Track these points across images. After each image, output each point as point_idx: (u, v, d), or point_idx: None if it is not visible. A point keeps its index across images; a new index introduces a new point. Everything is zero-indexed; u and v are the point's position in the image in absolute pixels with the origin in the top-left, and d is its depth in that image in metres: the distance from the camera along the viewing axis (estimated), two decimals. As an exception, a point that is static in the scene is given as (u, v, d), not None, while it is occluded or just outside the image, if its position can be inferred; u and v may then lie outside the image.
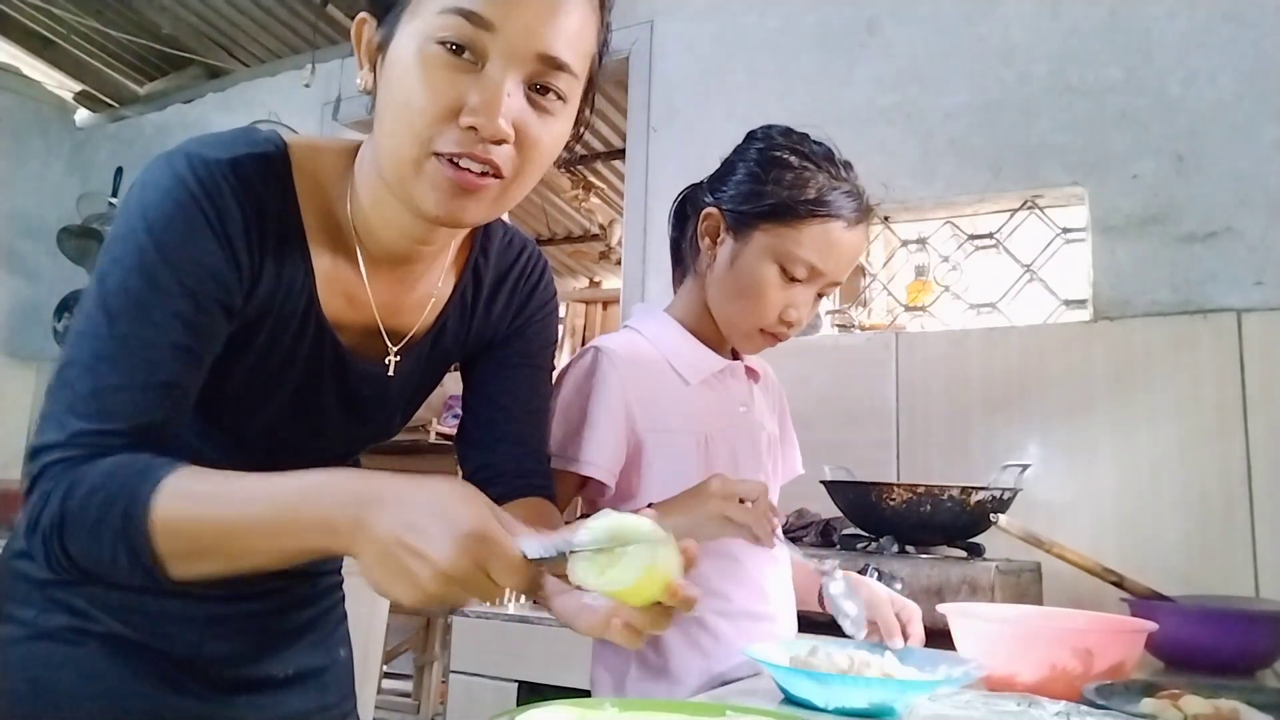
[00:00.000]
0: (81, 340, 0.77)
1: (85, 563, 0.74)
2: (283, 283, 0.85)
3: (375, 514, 0.66)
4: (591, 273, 6.19)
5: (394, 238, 0.89)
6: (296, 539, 0.70)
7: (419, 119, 0.76)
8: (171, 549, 0.71)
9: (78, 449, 0.74)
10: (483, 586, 0.64)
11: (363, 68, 0.83)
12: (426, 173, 0.78)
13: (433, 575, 0.63)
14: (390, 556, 0.65)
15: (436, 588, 0.63)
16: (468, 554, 0.63)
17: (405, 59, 0.77)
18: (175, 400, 0.79)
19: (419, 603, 0.65)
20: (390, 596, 0.66)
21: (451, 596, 0.65)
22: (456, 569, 0.63)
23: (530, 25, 0.76)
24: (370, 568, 0.66)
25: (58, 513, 0.73)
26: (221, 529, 0.71)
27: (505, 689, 2.20)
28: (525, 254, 1.05)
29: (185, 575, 0.73)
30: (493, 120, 0.76)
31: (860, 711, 0.91)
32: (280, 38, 3.99)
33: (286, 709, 0.99)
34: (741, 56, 2.74)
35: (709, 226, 1.25)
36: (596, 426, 1.17)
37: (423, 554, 0.63)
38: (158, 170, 0.80)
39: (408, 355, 0.96)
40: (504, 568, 0.64)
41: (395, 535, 0.65)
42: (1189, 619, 1.35)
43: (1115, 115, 2.21)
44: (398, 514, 0.66)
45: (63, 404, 0.76)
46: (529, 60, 0.77)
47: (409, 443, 3.39)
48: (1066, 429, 2.13)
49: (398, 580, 0.65)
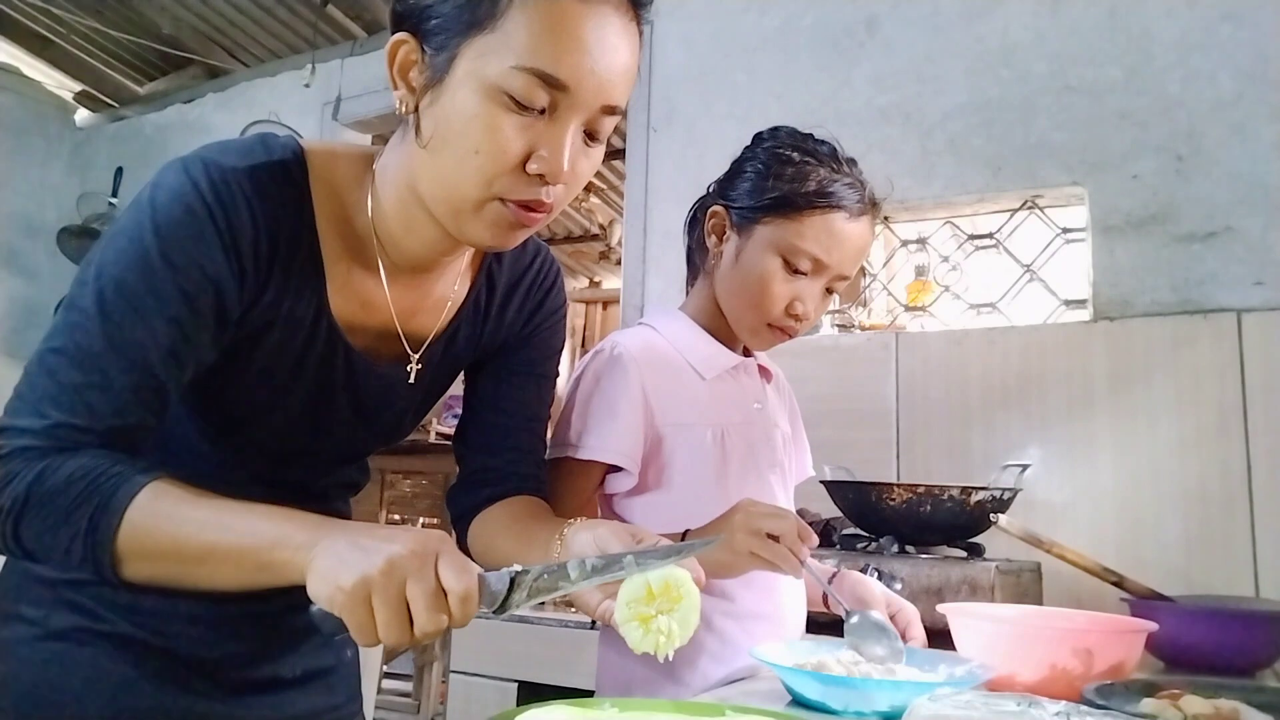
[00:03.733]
0: (71, 330, 0.77)
1: (33, 547, 0.75)
2: (292, 289, 0.85)
3: (339, 528, 0.70)
4: (591, 273, 6.20)
5: (418, 248, 0.89)
6: (254, 554, 0.71)
7: (488, 166, 0.77)
8: (131, 551, 0.73)
9: (51, 439, 0.74)
10: (425, 585, 0.65)
11: (397, 88, 0.82)
12: (486, 213, 0.80)
13: (383, 558, 0.64)
14: (344, 552, 0.66)
15: (382, 571, 0.64)
16: (423, 547, 0.66)
17: (470, 105, 0.77)
18: (156, 404, 0.79)
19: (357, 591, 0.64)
20: (333, 582, 0.65)
21: (389, 596, 0.64)
22: (408, 556, 0.65)
23: (600, 83, 0.78)
24: (320, 563, 0.67)
25: (22, 495, 0.73)
26: (182, 541, 0.73)
27: (505, 689, 2.20)
28: (539, 259, 1.06)
29: (135, 578, 0.74)
30: (560, 168, 0.78)
31: (872, 714, 0.91)
32: (280, 38, 3.99)
33: (294, 709, 0.99)
34: (741, 56, 2.74)
35: (715, 224, 1.27)
36: (618, 417, 1.18)
37: (377, 546, 0.65)
38: (172, 173, 0.80)
39: (422, 359, 0.96)
40: (455, 566, 0.66)
41: (356, 537, 0.67)
42: (1189, 619, 1.35)
43: (1115, 115, 2.22)
44: (362, 527, 0.70)
45: (42, 391, 0.76)
46: (594, 110, 0.79)
47: (409, 443, 3.38)
48: (1066, 429, 2.14)
49: (345, 568, 0.65)
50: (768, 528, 1.01)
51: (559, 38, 0.75)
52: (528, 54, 0.75)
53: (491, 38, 0.76)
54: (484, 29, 0.76)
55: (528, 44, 0.75)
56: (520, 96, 0.75)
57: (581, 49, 0.76)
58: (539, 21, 0.75)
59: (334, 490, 1.05)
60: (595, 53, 0.77)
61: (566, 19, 0.76)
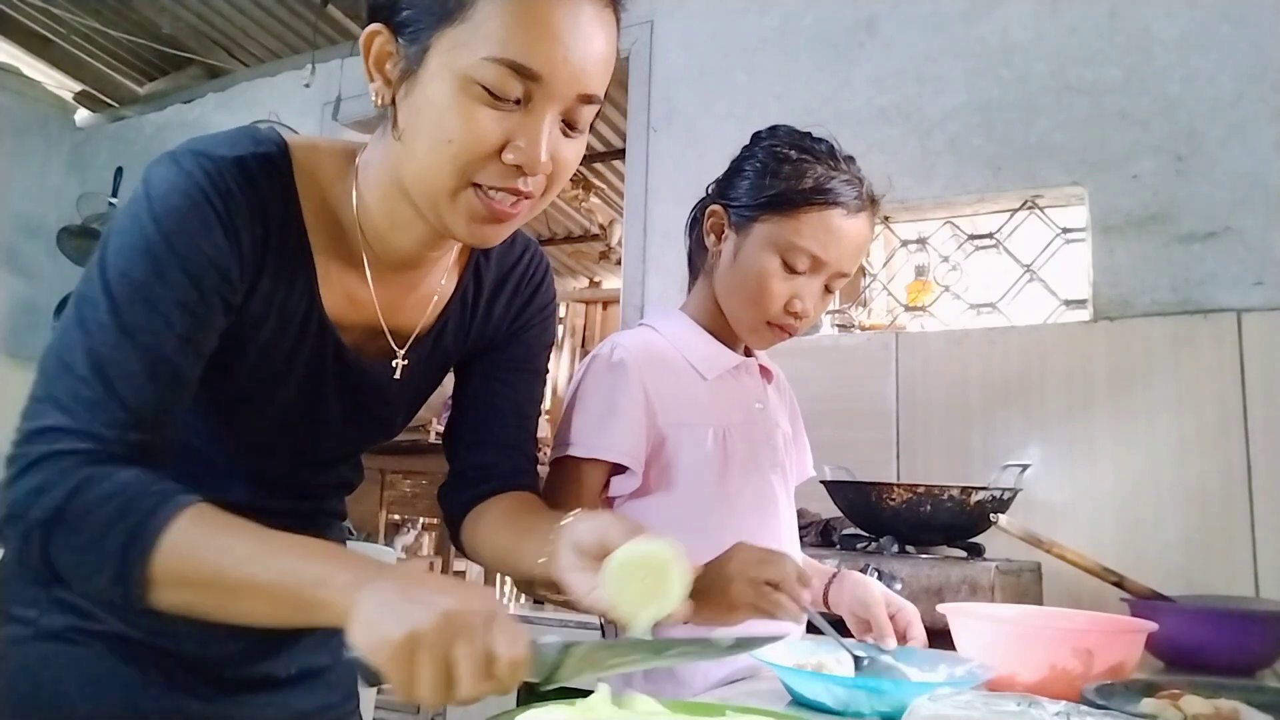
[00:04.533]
0: (85, 327, 0.76)
1: (62, 565, 0.72)
2: (284, 280, 0.85)
3: (389, 573, 0.67)
4: (591, 273, 6.20)
5: (404, 244, 0.89)
6: (295, 591, 0.68)
7: (462, 154, 0.77)
8: (166, 577, 0.70)
9: (86, 444, 0.73)
10: (474, 649, 0.61)
11: (373, 80, 0.81)
12: (462, 201, 0.79)
13: (433, 614, 0.61)
14: (392, 600, 0.63)
15: (432, 629, 0.60)
16: (475, 609, 0.62)
17: (444, 95, 0.76)
18: (179, 390, 0.79)
19: (404, 648, 0.60)
20: (377, 633, 0.62)
21: (435, 658, 0.60)
22: (459, 615, 0.61)
23: (574, 72, 0.77)
24: (364, 608, 0.63)
25: (55, 509, 0.71)
26: (221, 567, 0.70)
27: (506, 689, 2.20)
28: (528, 255, 1.05)
29: (163, 605, 0.72)
30: (537, 159, 0.77)
31: (872, 714, 0.91)
32: (280, 38, 3.99)
33: (290, 709, 0.98)
34: (741, 56, 2.74)
35: (714, 224, 1.27)
36: (620, 416, 1.18)
37: (428, 600, 0.62)
38: (163, 167, 0.80)
39: (409, 355, 0.96)
40: (507, 634, 0.63)
41: (406, 587, 0.64)
42: (1189, 619, 1.35)
43: (1115, 115, 2.22)
44: (414, 577, 0.66)
45: (66, 390, 0.74)
46: (570, 100, 0.79)
47: (409, 443, 3.39)
48: (1066, 429, 2.14)
49: (390, 619, 0.61)
50: (765, 576, 0.97)
51: (530, 27, 0.75)
52: (499, 45, 0.74)
53: (463, 29, 0.75)
54: (455, 20, 0.75)
55: (499, 35, 0.74)
56: (494, 88, 0.75)
57: (553, 38, 0.76)
58: (509, 11, 0.75)
59: (328, 489, 1.05)
60: (568, 41, 0.76)
61: (537, 8, 0.75)
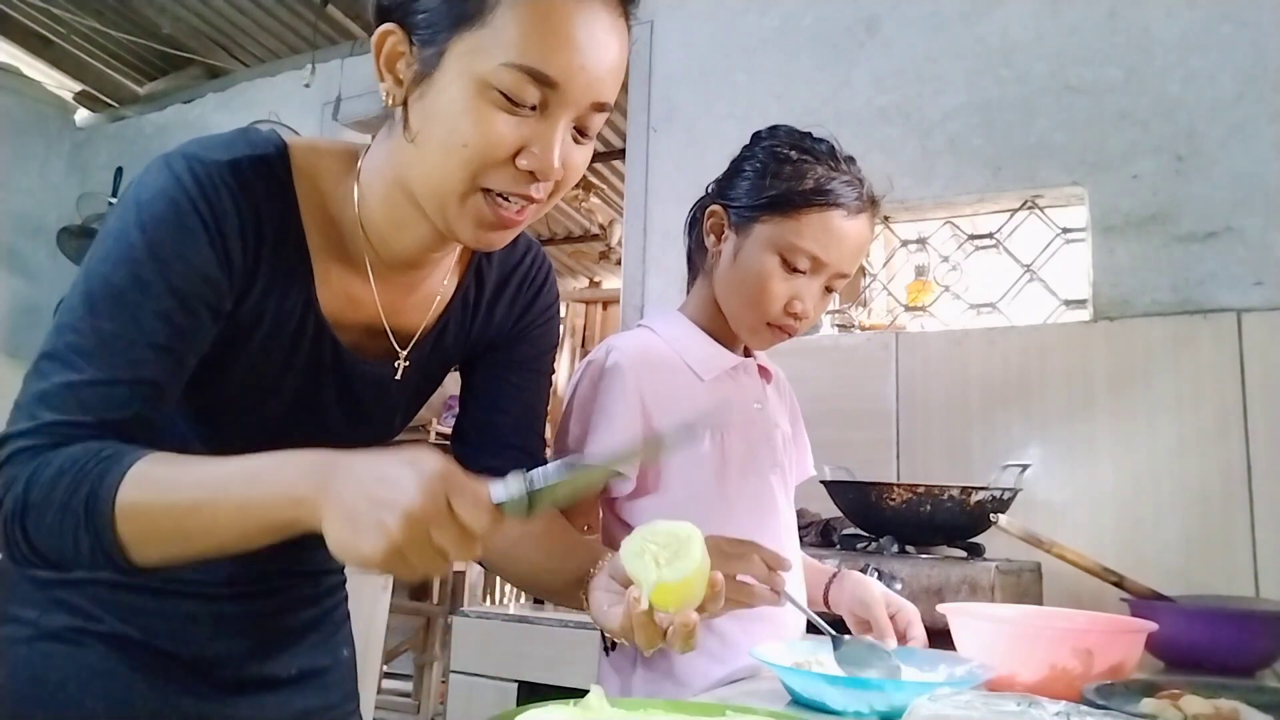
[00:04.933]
0: (62, 332, 0.77)
1: (46, 549, 0.73)
2: (280, 283, 0.85)
3: (341, 474, 0.67)
4: (591, 273, 6.20)
5: (406, 245, 0.89)
6: (260, 513, 0.70)
7: (475, 158, 0.77)
8: (132, 531, 0.71)
9: (44, 437, 0.74)
10: (449, 531, 0.64)
11: (384, 80, 0.81)
12: (470, 206, 0.80)
13: (400, 519, 0.63)
14: (356, 511, 0.65)
15: (404, 533, 0.63)
16: (433, 492, 0.64)
17: (460, 99, 0.76)
18: (150, 398, 0.78)
19: (389, 558, 0.64)
20: (358, 553, 0.65)
21: (420, 551, 0.64)
22: (423, 509, 0.63)
23: (590, 80, 0.78)
24: (336, 526, 0.66)
25: (21, 499, 0.72)
26: (183, 508, 0.71)
27: (505, 689, 2.20)
28: (530, 256, 1.05)
29: (147, 560, 0.73)
30: (550, 165, 0.78)
31: (872, 714, 0.91)
32: (280, 38, 3.99)
33: (290, 709, 0.99)
34: (741, 56, 2.74)
35: (713, 224, 1.27)
36: (615, 420, 1.18)
37: (389, 501, 0.64)
38: (155, 171, 0.80)
39: (411, 355, 0.96)
40: (470, 503, 0.65)
41: (362, 489, 0.65)
42: (1189, 619, 1.35)
43: (1115, 115, 2.22)
44: (363, 469, 0.67)
45: (34, 394, 0.75)
46: (584, 107, 0.79)
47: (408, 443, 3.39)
48: (1066, 429, 2.13)
49: (365, 533, 0.64)
50: (730, 570, 0.95)
51: (549, 34, 0.75)
52: (518, 51, 0.75)
53: (481, 33, 0.75)
54: (473, 24, 0.75)
55: (517, 41, 0.75)
56: (511, 93, 0.75)
57: (572, 46, 0.76)
58: (528, 18, 0.75)
59: None
60: (585, 50, 0.76)
61: (556, 15, 0.75)
